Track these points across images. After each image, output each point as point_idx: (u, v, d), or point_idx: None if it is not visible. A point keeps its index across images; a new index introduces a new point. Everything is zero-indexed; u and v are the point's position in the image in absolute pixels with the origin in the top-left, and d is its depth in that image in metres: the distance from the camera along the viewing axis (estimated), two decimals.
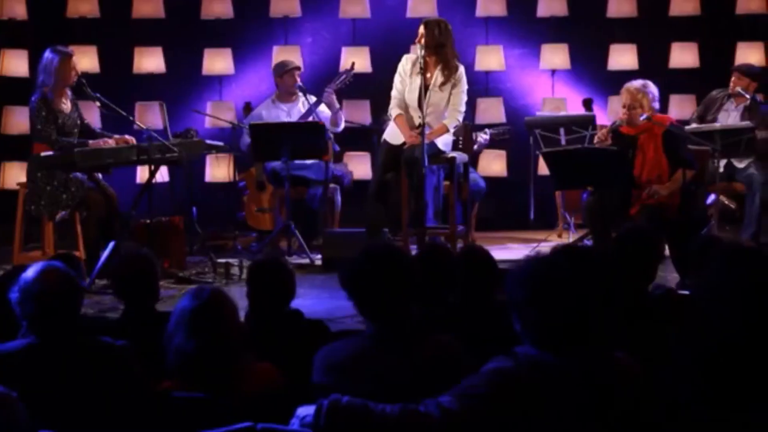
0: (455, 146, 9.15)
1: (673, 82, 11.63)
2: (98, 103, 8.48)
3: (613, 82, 11.53)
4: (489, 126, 10.70)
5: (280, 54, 11.18)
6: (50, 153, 8.14)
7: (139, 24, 11.62)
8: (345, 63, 11.19)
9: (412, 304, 3.81)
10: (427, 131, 8.53)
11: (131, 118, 8.60)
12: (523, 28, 11.90)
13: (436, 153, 8.68)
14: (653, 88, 8.30)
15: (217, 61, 11.64)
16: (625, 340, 3.91)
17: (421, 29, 8.68)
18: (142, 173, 10.64)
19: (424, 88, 8.61)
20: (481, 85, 11.76)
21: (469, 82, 9.07)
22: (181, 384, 3.65)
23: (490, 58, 11.76)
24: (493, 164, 11.53)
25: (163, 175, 10.08)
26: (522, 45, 11.94)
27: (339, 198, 10.29)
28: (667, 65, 11.71)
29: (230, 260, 8.82)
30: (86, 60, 11.24)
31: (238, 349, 3.71)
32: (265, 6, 11.64)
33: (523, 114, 11.14)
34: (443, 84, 8.70)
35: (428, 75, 8.70)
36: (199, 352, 3.61)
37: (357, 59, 11.10)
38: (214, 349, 3.62)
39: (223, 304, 3.69)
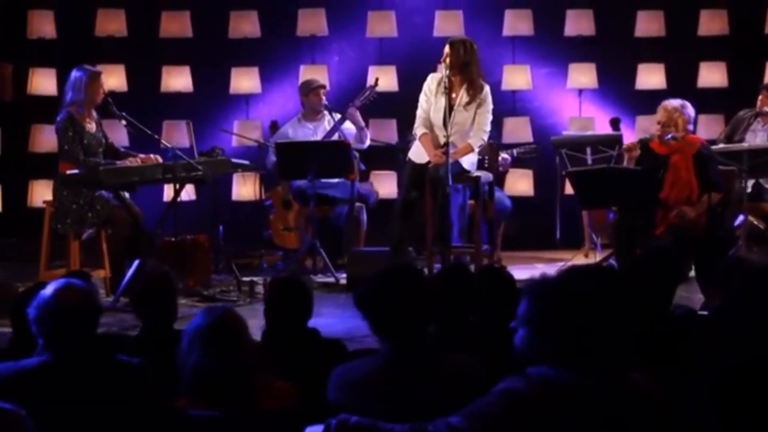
0: (481, 166, 9.11)
1: (701, 101, 11.55)
2: (124, 122, 8.49)
3: (641, 101, 11.54)
4: (515, 145, 10.68)
5: (307, 73, 11.21)
6: (75, 171, 8.17)
7: (166, 43, 11.68)
8: (371, 82, 11.23)
9: (429, 324, 3.81)
10: (451, 150, 8.52)
11: (156, 136, 8.62)
12: (550, 47, 11.88)
13: (460, 172, 8.67)
14: (690, 110, 8.24)
15: (244, 80, 11.68)
16: (646, 359, 3.90)
17: (447, 49, 8.68)
18: (168, 191, 10.64)
19: (449, 107, 8.59)
20: (508, 105, 11.74)
21: (495, 102, 9.05)
22: (196, 402, 3.64)
23: (517, 77, 11.76)
24: (519, 183, 11.51)
25: (189, 193, 10.13)
26: (549, 64, 11.92)
27: (365, 217, 10.28)
28: (696, 85, 11.67)
29: (255, 278, 8.85)
30: (114, 79, 11.31)
31: (253, 367, 3.70)
32: (292, 25, 11.67)
33: (550, 133, 11.11)
34: (468, 103, 8.69)
35: (453, 94, 8.69)
36: (214, 370, 3.60)
37: (383, 78, 11.12)
38: (229, 366, 3.62)
39: (235, 322, 3.70)
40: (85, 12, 11.57)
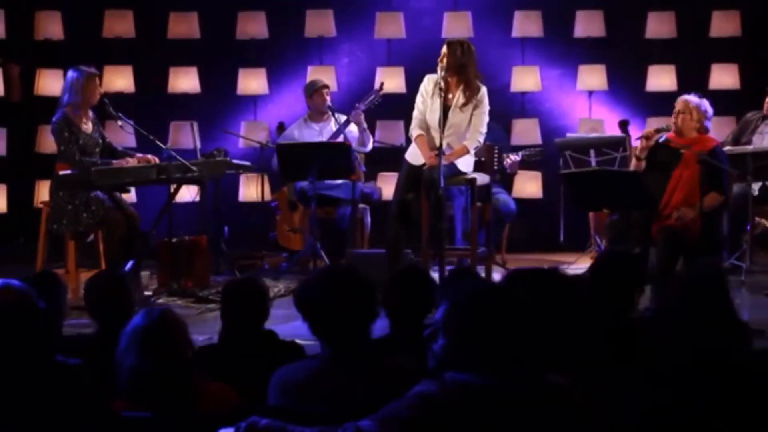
0: (480, 167, 9.02)
1: (713, 103, 11.44)
2: (120, 123, 8.49)
3: (651, 103, 11.45)
4: (522, 147, 10.62)
5: (315, 74, 11.19)
6: (68, 172, 8.21)
7: (174, 44, 11.68)
8: (377, 85, 11.24)
9: (370, 327, 3.78)
10: (448, 152, 8.48)
11: (152, 137, 8.61)
12: (560, 48, 11.82)
13: (456, 174, 8.61)
14: (708, 107, 8.21)
15: (252, 81, 11.67)
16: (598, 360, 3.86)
17: (444, 49, 8.62)
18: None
19: (445, 108, 8.55)
20: (517, 106, 11.69)
21: (505, 103, 8.95)
22: (132, 403, 3.62)
23: (526, 78, 11.69)
24: (528, 186, 11.45)
25: (193, 194, 10.10)
26: (558, 66, 11.85)
27: (368, 218, 10.27)
28: (707, 87, 11.54)
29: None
30: (122, 80, 11.38)
31: (190, 369, 3.68)
32: (299, 26, 11.65)
33: (560, 135, 11.03)
34: (464, 105, 8.61)
35: (450, 96, 8.63)
36: (150, 371, 3.58)
37: (391, 80, 11.12)
38: (165, 368, 3.60)
39: (173, 324, 3.67)
40: (93, 13, 11.59)
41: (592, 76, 11.68)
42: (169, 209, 8.46)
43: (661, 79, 11.64)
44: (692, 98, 8.21)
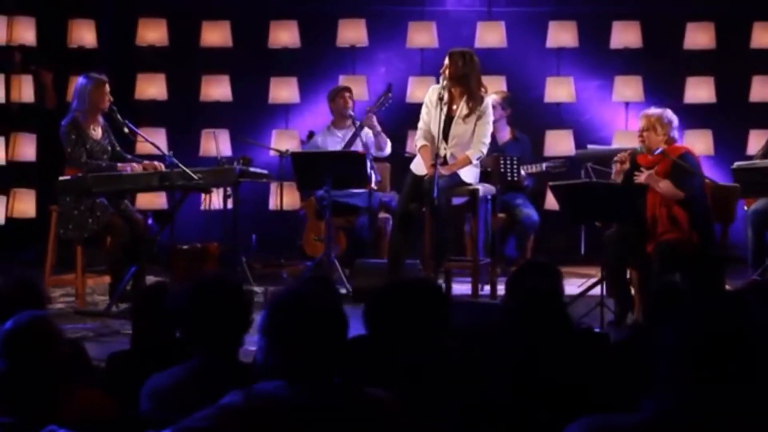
0: (486, 178, 8.93)
1: (753, 116, 11.29)
2: (126, 130, 8.57)
3: (690, 115, 11.20)
4: (549, 158, 10.51)
5: (346, 83, 11.15)
6: (68, 177, 8.33)
7: (206, 52, 11.74)
8: (410, 93, 11.22)
9: (241, 336, 3.75)
10: (452, 162, 8.47)
11: (154, 144, 8.68)
12: (596, 59, 11.66)
13: (459, 184, 8.56)
14: (671, 115, 8.07)
15: (283, 90, 11.68)
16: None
17: (446, 60, 8.59)
18: (205, 199, 10.68)
19: (449, 119, 8.51)
20: (551, 117, 11.55)
21: (539, 114, 8.78)
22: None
23: (560, 89, 11.54)
24: None
25: (218, 203, 10.16)
26: (594, 77, 11.70)
27: (390, 227, 10.21)
28: (747, 99, 11.33)
29: (255, 288, 8.81)
30: (154, 88, 11.49)
31: (58, 375, 3.66)
32: (332, 35, 11.64)
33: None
34: (468, 116, 8.57)
35: (454, 106, 8.60)
36: (11, 375, 3.58)
37: (423, 89, 11.02)
38: (28, 373, 3.59)
39: (41, 330, 3.65)
40: (127, 21, 11.71)
41: (629, 88, 11.50)
42: (173, 216, 8.52)
43: (699, 91, 11.43)
44: (653, 111, 8.09)
